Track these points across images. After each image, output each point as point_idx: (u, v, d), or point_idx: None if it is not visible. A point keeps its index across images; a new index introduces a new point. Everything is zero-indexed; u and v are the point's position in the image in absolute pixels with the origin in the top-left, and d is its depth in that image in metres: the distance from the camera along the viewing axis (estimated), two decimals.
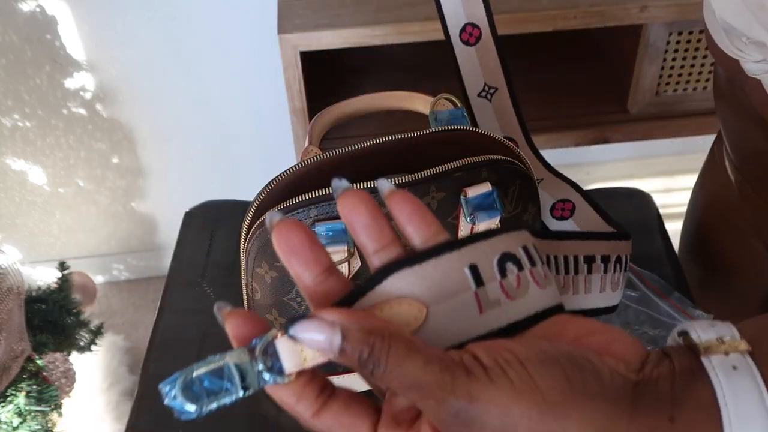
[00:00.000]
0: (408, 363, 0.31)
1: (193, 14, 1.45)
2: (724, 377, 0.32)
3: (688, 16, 1.22)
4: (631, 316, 0.67)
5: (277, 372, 0.31)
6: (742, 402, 0.32)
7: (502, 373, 0.31)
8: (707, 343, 0.33)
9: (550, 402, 0.31)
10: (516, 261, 0.36)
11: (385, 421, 0.34)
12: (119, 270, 1.91)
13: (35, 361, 1.23)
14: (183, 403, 0.31)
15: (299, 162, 0.58)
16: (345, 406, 0.34)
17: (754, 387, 0.32)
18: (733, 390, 0.32)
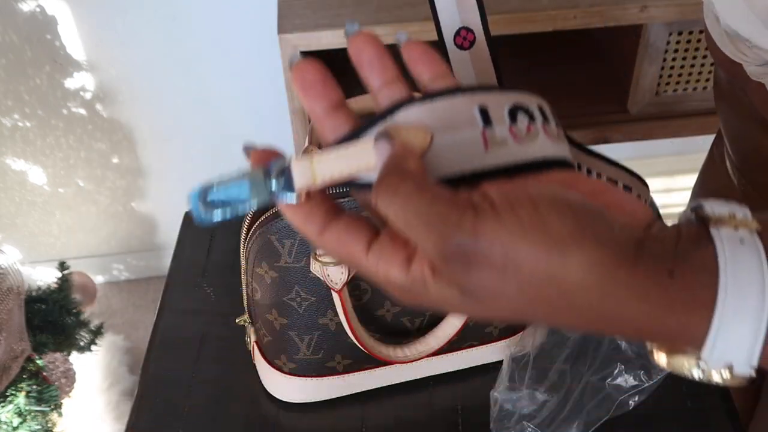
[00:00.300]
0: (416, 199, 0.32)
1: (193, 14, 1.45)
2: (729, 247, 0.32)
3: (688, 16, 1.22)
4: None
5: (288, 189, 0.34)
6: (742, 271, 0.32)
7: (510, 210, 0.31)
8: (719, 216, 0.34)
9: (556, 241, 0.31)
10: (528, 113, 0.37)
11: (381, 241, 0.35)
12: (119, 270, 1.91)
13: (35, 361, 1.23)
14: (199, 209, 0.35)
15: None
16: (345, 226, 0.35)
17: (756, 261, 0.32)
18: (735, 259, 0.32)
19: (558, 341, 0.66)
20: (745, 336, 0.32)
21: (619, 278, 0.32)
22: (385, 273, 0.34)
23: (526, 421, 0.62)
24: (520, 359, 0.65)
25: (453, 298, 0.33)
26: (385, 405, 0.67)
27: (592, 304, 0.32)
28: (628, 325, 0.33)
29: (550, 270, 0.31)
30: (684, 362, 0.34)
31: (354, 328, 0.59)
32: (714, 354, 0.33)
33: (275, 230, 0.56)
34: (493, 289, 0.32)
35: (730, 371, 0.33)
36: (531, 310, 0.33)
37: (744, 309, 0.32)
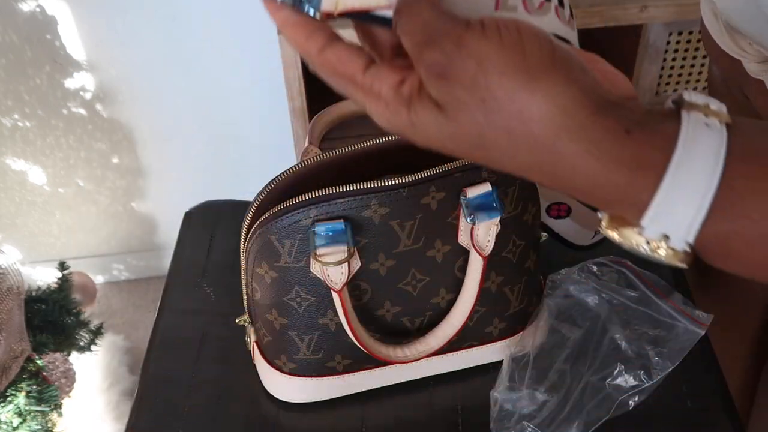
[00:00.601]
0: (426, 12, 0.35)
1: (193, 14, 1.45)
2: (693, 127, 0.34)
3: (687, 16, 1.22)
4: (631, 316, 0.67)
5: (315, 6, 0.37)
6: (699, 149, 0.33)
7: (496, 31, 0.34)
8: (693, 102, 0.35)
9: (528, 64, 0.34)
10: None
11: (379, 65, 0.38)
12: (119, 270, 1.91)
13: (35, 361, 1.23)
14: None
15: (299, 162, 0.58)
16: (346, 48, 0.38)
17: (716, 144, 0.33)
18: (696, 137, 0.34)
19: (558, 341, 0.66)
20: (687, 209, 0.33)
21: (578, 119, 0.34)
22: (378, 90, 0.37)
23: (526, 421, 0.62)
24: (520, 359, 0.65)
25: (428, 117, 0.36)
26: (385, 405, 0.67)
27: (547, 140, 0.34)
28: (577, 175, 0.35)
29: (516, 94, 0.34)
30: (631, 235, 0.35)
31: (354, 328, 0.59)
32: (654, 221, 0.34)
33: (275, 230, 0.56)
34: (460, 104, 0.35)
35: (666, 243, 0.34)
36: (491, 137, 0.35)
37: (691, 183, 0.33)
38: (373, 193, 0.55)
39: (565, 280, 0.69)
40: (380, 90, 0.37)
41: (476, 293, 0.60)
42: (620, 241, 0.37)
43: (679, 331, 0.66)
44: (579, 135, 0.34)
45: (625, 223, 0.36)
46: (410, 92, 0.36)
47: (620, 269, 0.71)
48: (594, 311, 0.68)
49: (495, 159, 0.37)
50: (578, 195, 0.37)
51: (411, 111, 0.36)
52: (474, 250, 0.58)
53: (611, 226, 0.37)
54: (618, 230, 0.36)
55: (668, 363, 0.64)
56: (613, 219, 0.37)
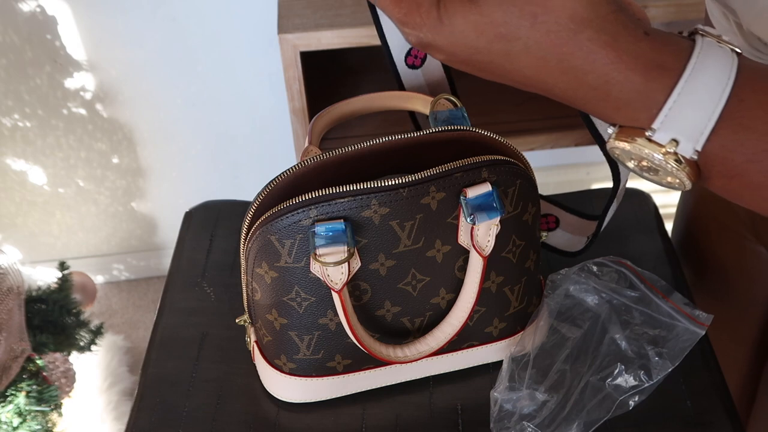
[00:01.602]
0: None
1: (193, 14, 1.45)
2: (707, 45, 0.36)
3: (687, 16, 1.22)
4: (631, 316, 0.67)
5: None
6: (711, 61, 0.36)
7: None
8: (708, 31, 0.38)
9: None
10: None
11: None
12: (119, 270, 1.91)
13: (35, 361, 1.23)
14: None
15: (299, 162, 0.58)
16: None
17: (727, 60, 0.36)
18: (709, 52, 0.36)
19: (558, 341, 0.66)
20: (698, 114, 0.35)
21: (601, 13, 0.36)
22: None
23: (526, 422, 0.62)
24: (520, 359, 0.65)
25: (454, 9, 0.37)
26: (385, 405, 0.67)
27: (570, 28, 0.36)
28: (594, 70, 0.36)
29: None
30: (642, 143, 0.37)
31: (354, 328, 0.59)
32: (666, 124, 0.36)
33: (275, 230, 0.56)
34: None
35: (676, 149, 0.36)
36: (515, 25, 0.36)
37: (704, 89, 0.35)
38: (373, 193, 0.55)
39: (565, 280, 0.69)
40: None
41: (476, 293, 0.60)
42: (629, 150, 0.38)
43: (679, 331, 0.66)
44: (601, 27, 0.36)
45: (636, 132, 0.37)
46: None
47: (620, 269, 0.71)
48: (594, 311, 0.68)
49: (515, 52, 0.37)
50: (590, 97, 0.38)
51: (441, 6, 0.37)
52: (474, 250, 0.58)
53: (621, 137, 0.38)
54: (629, 139, 0.38)
55: (668, 363, 0.64)
56: (623, 130, 0.38)
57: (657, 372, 0.63)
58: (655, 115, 0.36)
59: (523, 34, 0.36)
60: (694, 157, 0.36)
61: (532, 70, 0.38)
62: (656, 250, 0.79)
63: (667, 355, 0.64)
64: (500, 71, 0.39)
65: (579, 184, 1.84)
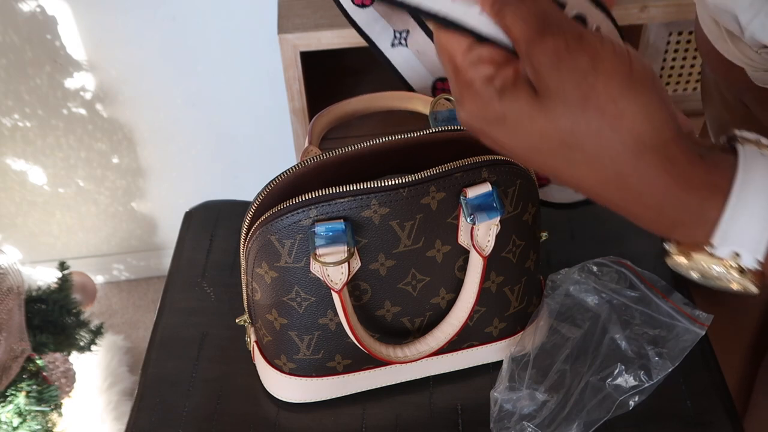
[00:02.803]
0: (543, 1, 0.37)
1: (193, 14, 1.45)
2: (750, 155, 0.38)
3: (687, 16, 1.22)
4: (631, 316, 0.67)
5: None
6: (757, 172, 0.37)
7: (609, 40, 0.36)
8: (746, 137, 0.39)
9: (634, 77, 0.36)
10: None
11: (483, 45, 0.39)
12: (119, 270, 1.91)
13: (35, 361, 1.23)
14: None
15: (299, 162, 0.58)
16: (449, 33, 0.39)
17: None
18: (754, 163, 0.37)
19: (558, 341, 0.66)
20: (754, 226, 0.36)
21: (664, 138, 0.36)
22: (471, 78, 0.38)
23: (526, 422, 0.62)
24: (520, 359, 0.65)
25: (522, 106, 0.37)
26: (385, 405, 0.67)
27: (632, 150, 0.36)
28: (650, 192, 0.37)
29: (619, 101, 0.36)
30: (703, 258, 0.38)
31: (354, 328, 0.59)
32: (725, 239, 0.37)
33: (275, 230, 0.56)
34: (565, 96, 0.36)
35: (737, 262, 0.37)
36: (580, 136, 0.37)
37: (754, 201, 0.36)
38: (373, 193, 0.55)
39: (565, 280, 0.69)
40: (473, 79, 0.38)
41: (476, 293, 0.60)
42: (689, 265, 0.39)
43: (679, 331, 0.66)
44: (662, 152, 0.36)
45: (694, 248, 0.39)
46: (504, 84, 0.38)
47: (620, 269, 0.71)
48: (594, 311, 0.68)
49: (575, 162, 0.38)
50: (644, 214, 0.39)
51: (504, 101, 0.38)
52: (474, 250, 0.58)
53: (680, 252, 0.39)
54: (688, 255, 0.39)
55: (668, 363, 0.64)
56: (682, 245, 0.39)
57: (657, 372, 0.63)
58: (712, 231, 0.37)
59: (586, 147, 0.37)
60: (758, 267, 0.37)
61: (589, 180, 0.38)
62: (656, 250, 0.79)
63: (667, 355, 0.64)
64: (555, 172, 0.39)
65: None
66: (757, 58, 0.59)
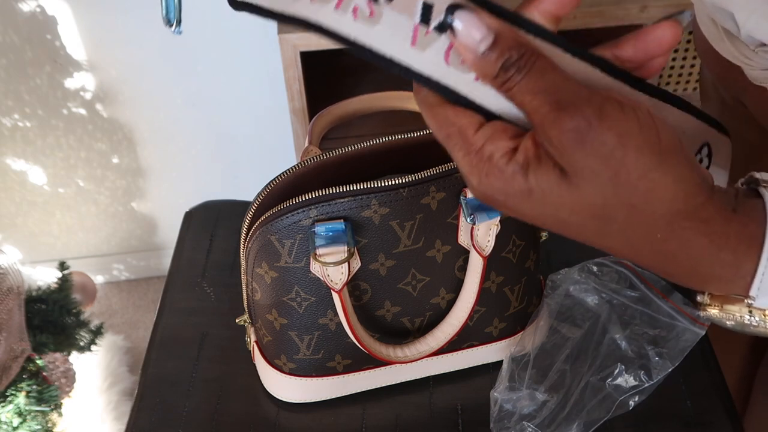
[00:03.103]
0: (551, 73, 0.34)
1: (193, 14, 1.45)
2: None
3: None
4: (631, 316, 0.67)
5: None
6: None
7: (632, 110, 0.34)
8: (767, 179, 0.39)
9: (662, 147, 0.34)
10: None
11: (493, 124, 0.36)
12: (119, 270, 1.91)
13: (35, 361, 1.23)
14: None
15: (299, 162, 0.58)
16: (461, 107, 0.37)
17: None
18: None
19: (558, 341, 0.66)
20: None
21: (697, 202, 0.36)
22: (489, 152, 0.36)
23: (526, 421, 0.62)
24: (520, 359, 0.65)
25: (550, 183, 0.35)
26: (385, 405, 0.67)
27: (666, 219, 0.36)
28: (685, 253, 0.37)
29: (650, 173, 0.34)
30: (736, 308, 0.38)
31: (354, 328, 0.59)
32: (762, 290, 0.37)
33: (275, 230, 0.56)
34: (593, 174, 0.34)
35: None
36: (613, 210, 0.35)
37: None
38: (373, 193, 0.55)
39: (565, 280, 0.69)
40: (492, 154, 0.36)
41: (476, 293, 0.60)
42: (722, 317, 0.39)
43: (679, 331, 0.66)
44: (696, 215, 0.36)
45: (728, 300, 0.39)
46: (526, 158, 0.35)
47: (620, 269, 0.71)
48: (594, 311, 0.68)
49: (608, 233, 0.37)
50: (680, 273, 0.38)
51: (530, 176, 0.35)
52: (474, 250, 0.59)
53: (715, 306, 0.39)
54: (722, 307, 0.39)
55: (668, 363, 0.64)
56: (716, 298, 0.39)
57: (657, 372, 0.63)
58: (750, 283, 0.37)
59: (619, 219, 0.36)
60: None
61: (623, 248, 0.38)
62: None
63: (667, 355, 0.64)
64: (586, 241, 0.38)
65: None
66: (754, 57, 0.59)
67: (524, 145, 0.35)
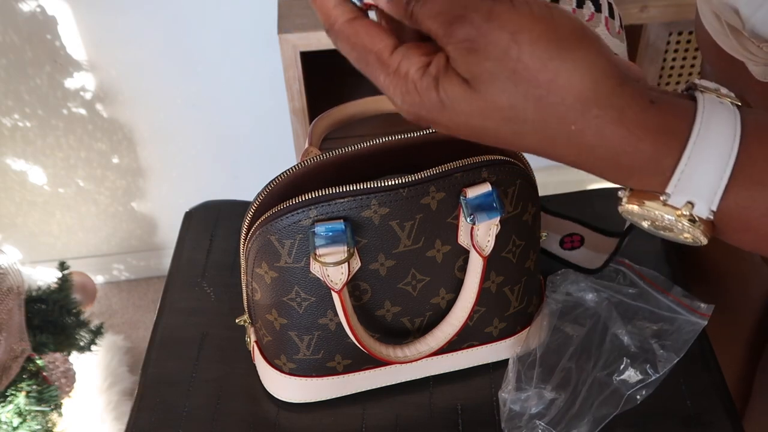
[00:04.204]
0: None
1: (193, 14, 1.45)
2: (709, 103, 0.37)
3: (687, 16, 1.22)
4: (632, 312, 0.67)
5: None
6: (716, 120, 0.36)
7: (525, 4, 0.35)
8: (706, 86, 0.38)
9: (560, 35, 0.35)
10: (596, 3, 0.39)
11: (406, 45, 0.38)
12: (119, 270, 1.91)
13: (35, 361, 1.23)
14: None
15: (299, 162, 0.58)
16: (375, 24, 0.38)
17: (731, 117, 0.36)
18: (713, 110, 0.36)
19: (562, 340, 0.66)
20: (710, 175, 0.36)
21: (607, 88, 0.35)
22: (405, 71, 0.37)
23: (537, 420, 0.62)
24: (525, 359, 0.65)
25: (457, 93, 0.36)
26: (385, 405, 0.67)
27: (577, 108, 0.35)
28: (603, 144, 0.36)
29: (549, 63, 0.34)
30: (655, 206, 0.37)
31: (354, 328, 0.59)
32: (680, 187, 0.36)
33: (275, 230, 0.56)
34: (492, 77, 0.35)
35: (690, 211, 0.36)
36: (521, 108, 0.36)
37: (713, 149, 0.36)
38: (373, 193, 0.55)
39: (565, 280, 0.69)
40: (408, 71, 0.37)
41: (476, 293, 0.60)
42: (641, 214, 0.38)
43: (681, 323, 0.66)
44: (608, 103, 0.35)
45: (648, 196, 0.37)
46: (437, 71, 0.36)
47: (619, 268, 0.71)
48: (595, 309, 0.68)
49: (523, 132, 0.37)
50: (600, 166, 0.38)
51: (440, 89, 0.36)
52: (474, 250, 0.58)
53: (633, 201, 0.38)
54: (641, 203, 0.38)
55: (673, 355, 0.64)
56: (635, 194, 0.38)
57: (662, 364, 0.63)
58: (668, 179, 0.36)
59: (530, 117, 0.36)
60: (710, 216, 0.37)
61: (541, 146, 0.38)
62: (656, 250, 0.79)
63: (672, 347, 0.64)
64: (507, 145, 0.39)
65: (579, 184, 1.83)
66: (758, 53, 0.58)
67: (436, 59, 0.37)
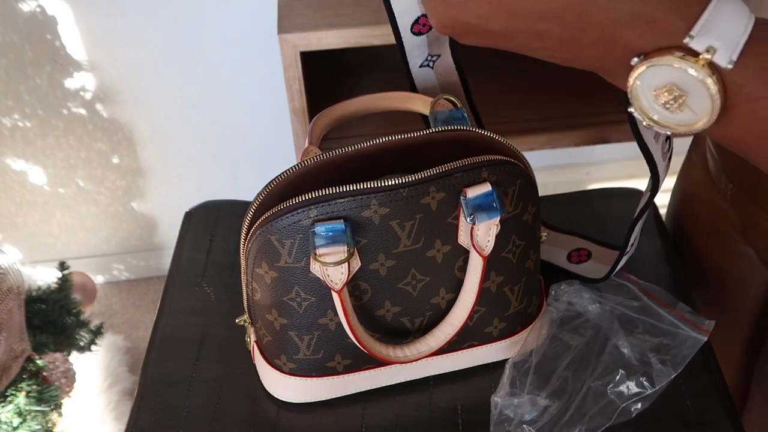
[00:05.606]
0: None
1: (193, 14, 1.45)
2: None
3: None
4: (634, 326, 0.67)
5: None
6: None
7: None
8: None
9: None
10: None
11: None
12: (119, 270, 1.91)
13: (35, 361, 1.23)
14: None
15: (299, 162, 0.58)
16: None
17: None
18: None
19: (560, 349, 0.66)
20: (733, 24, 0.37)
21: None
22: None
23: (526, 425, 0.61)
24: (521, 365, 0.65)
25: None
26: (385, 405, 0.67)
27: None
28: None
29: None
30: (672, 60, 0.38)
31: (354, 328, 0.59)
32: (704, 29, 0.37)
33: (275, 230, 0.56)
34: None
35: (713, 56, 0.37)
36: None
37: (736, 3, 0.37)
38: (373, 193, 0.55)
39: (567, 291, 0.69)
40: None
41: (476, 293, 0.60)
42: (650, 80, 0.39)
43: (682, 338, 0.66)
44: None
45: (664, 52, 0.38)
46: None
47: (623, 283, 0.71)
48: (596, 321, 0.68)
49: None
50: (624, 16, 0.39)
51: None
52: (474, 250, 0.58)
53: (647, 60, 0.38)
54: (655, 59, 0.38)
55: (671, 370, 0.64)
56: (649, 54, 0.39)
57: (660, 379, 0.63)
58: (692, 23, 0.37)
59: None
60: (729, 66, 0.37)
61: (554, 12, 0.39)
62: (656, 251, 0.79)
63: (670, 362, 0.64)
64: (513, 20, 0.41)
65: (579, 184, 1.84)
66: None
67: None
